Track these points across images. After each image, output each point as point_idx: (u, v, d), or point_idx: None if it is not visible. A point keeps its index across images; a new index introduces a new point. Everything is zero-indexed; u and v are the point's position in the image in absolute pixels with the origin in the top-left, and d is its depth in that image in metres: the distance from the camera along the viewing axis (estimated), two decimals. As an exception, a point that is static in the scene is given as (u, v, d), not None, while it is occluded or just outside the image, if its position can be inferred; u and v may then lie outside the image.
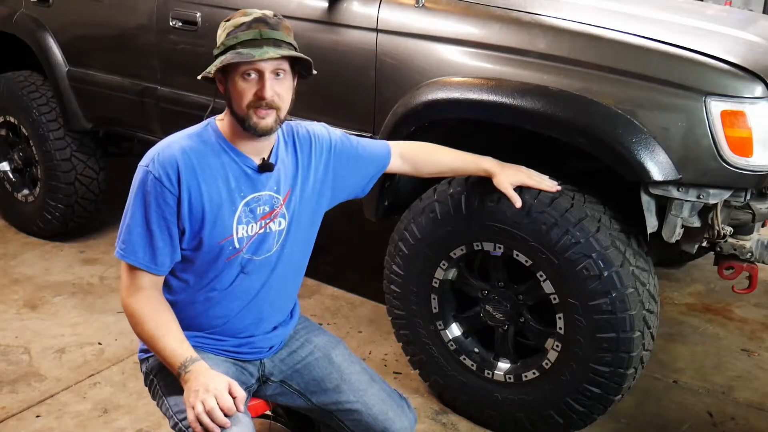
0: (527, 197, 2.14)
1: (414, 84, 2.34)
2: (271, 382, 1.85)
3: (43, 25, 3.50)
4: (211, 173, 1.67)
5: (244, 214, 1.70)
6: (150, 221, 1.64)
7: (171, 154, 1.65)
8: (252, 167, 1.71)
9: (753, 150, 1.96)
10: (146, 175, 1.64)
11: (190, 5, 2.91)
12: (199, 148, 1.68)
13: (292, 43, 1.66)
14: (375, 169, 1.99)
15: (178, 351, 1.61)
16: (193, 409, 1.53)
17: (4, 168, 3.94)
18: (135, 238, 1.65)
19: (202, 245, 1.69)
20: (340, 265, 3.73)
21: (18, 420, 2.45)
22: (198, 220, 1.66)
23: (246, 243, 1.72)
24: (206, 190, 1.66)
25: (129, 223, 1.66)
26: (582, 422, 2.29)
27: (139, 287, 1.67)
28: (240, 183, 1.70)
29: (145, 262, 1.65)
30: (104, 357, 2.83)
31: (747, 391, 2.75)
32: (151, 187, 1.63)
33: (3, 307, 3.20)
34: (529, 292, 2.29)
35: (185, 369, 1.59)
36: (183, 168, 1.64)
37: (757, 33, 2.40)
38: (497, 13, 2.30)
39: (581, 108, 2.05)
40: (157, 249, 1.65)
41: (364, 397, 1.80)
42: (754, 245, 2.24)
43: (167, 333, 1.63)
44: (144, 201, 1.64)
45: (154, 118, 3.19)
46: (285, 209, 1.77)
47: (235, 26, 1.63)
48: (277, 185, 1.75)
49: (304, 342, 1.88)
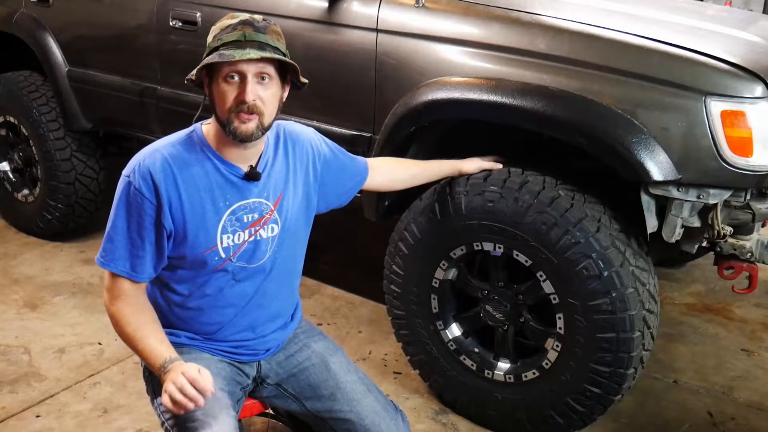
0: (527, 197, 2.14)
1: (414, 84, 2.34)
2: (266, 384, 1.84)
3: (43, 25, 3.50)
4: (193, 183, 1.64)
5: (229, 224, 1.68)
6: (130, 230, 1.63)
7: (152, 163, 1.62)
8: (238, 175, 1.68)
9: (753, 150, 1.96)
10: (127, 185, 1.63)
11: (190, 5, 2.92)
12: (182, 156, 1.65)
13: (279, 47, 1.62)
14: (356, 183, 2.00)
15: (156, 352, 1.60)
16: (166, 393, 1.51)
17: (4, 168, 3.94)
18: (115, 246, 1.64)
19: (185, 256, 1.67)
20: (340, 265, 3.73)
21: (18, 420, 2.45)
22: (180, 230, 1.64)
23: (234, 252, 1.69)
24: (187, 200, 1.63)
25: (109, 232, 1.65)
26: (582, 422, 2.29)
27: (119, 292, 1.66)
28: (225, 192, 1.67)
29: (125, 269, 1.64)
30: (104, 357, 2.83)
31: (747, 391, 2.75)
32: (132, 197, 1.62)
33: (3, 307, 3.20)
34: (529, 292, 2.29)
35: (164, 369, 1.57)
36: (163, 178, 1.61)
37: (757, 33, 2.40)
38: (497, 13, 2.30)
39: (581, 108, 2.05)
40: (137, 257, 1.64)
41: (358, 407, 1.78)
42: (754, 245, 2.24)
43: (148, 334, 1.62)
44: (125, 210, 1.63)
45: (154, 118, 3.19)
46: (276, 215, 1.74)
47: (221, 29, 1.61)
48: (266, 191, 1.72)
49: (303, 347, 1.87)
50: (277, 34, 1.63)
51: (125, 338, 1.66)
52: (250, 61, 1.57)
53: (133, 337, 1.63)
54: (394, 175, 2.16)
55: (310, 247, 1.91)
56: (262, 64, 1.59)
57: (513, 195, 2.17)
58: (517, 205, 2.16)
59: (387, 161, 2.21)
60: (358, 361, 2.85)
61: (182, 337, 1.76)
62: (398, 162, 2.24)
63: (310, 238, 1.90)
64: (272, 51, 1.59)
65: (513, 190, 2.17)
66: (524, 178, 2.19)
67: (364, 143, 2.51)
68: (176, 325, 1.76)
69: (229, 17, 1.62)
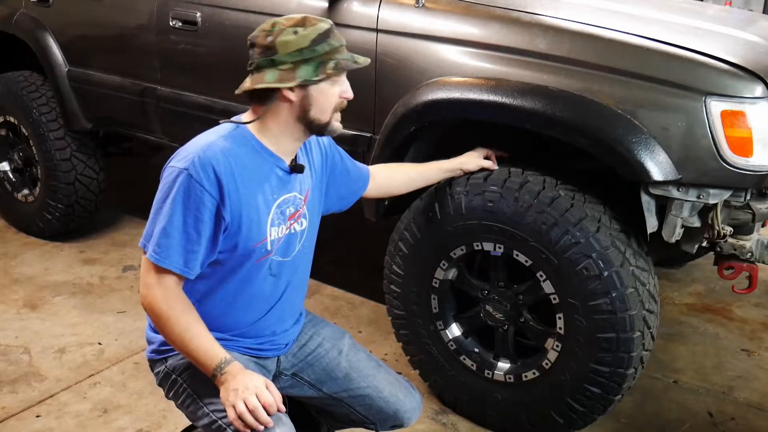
0: (527, 197, 2.15)
1: (414, 84, 2.34)
2: (283, 376, 1.88)
3: (43, 25, 3.50)
4: (248, 176, 1.65)
5: (276, 216, 1.71)
6: (187, 224, 1.59)
7: (213, 156, 1.60)
8: (284, 169, 1.72)
9: (753, 150, 1.96)
10: (186, 177, 1.58)
11: (190, 5, 2.91)
12: (236, 150, 1.64)
13: None
14: (357, 189, 2.05)
15: (211, 352, 1.60)
16: (233, 408, 1.53)
17: (4, 168, 3.94)
18: (172, 241, 1.59)
19: (237, 248, 1.67)
20: (340, 264, 3.73)
21: (18, 420, 2.45)
22: (236, 223, 1.64)
23: (276, 245, 1.73)
24: (244, 193, 1.64)
25: (165, 226, 1.59)
26: (582, 422, 2.29)
27: (165, 287, 1.62)
28: (273, 185, 1.70)
29: (179, 266, 1.60)
30: (104, 357, 2.83)
31: (747, 391, 2.75)
32: (192, 190, 1.58)
33: (3, 307, 3.20)
34: (529, 292, 2.29)
35: (221, 370, 1.57)
36: (223, 171, 1.60)
37: (757, 33, 2.40)
38: (497, 13, 2.30)
39: (581, 108, 2.05)
40: (192, 253, 1.61)
41: (374, 381, 1.85)
42: (754, 245, 2.24)
43: (198, 335, 1.61)
44: (182, 204, 1.58)
45: (154, 118, 3.19)
46: (306, 209, 1.79)
47: (318, 33, 1.62)
48: (300, 186, 1.77)
49: (312, 335, 1.91)
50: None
51: (172, 338, 1.62)
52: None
53: (184, 338, 1.60)
54: (393, 181, 2.18)
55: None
56: None
57: (513, 195, 2.17)
58: (517, 205, 2.16)
59: (385, 168, 2.22)
60: (358, 361, 2.86)
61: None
62: (396, 167, 2.26)
63: None
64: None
65: (513, 190, 2.17)
66: (524, 178, 2.19)
67: (364, 143, 2.52)
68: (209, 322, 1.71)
69: (311, 21, 1.65)
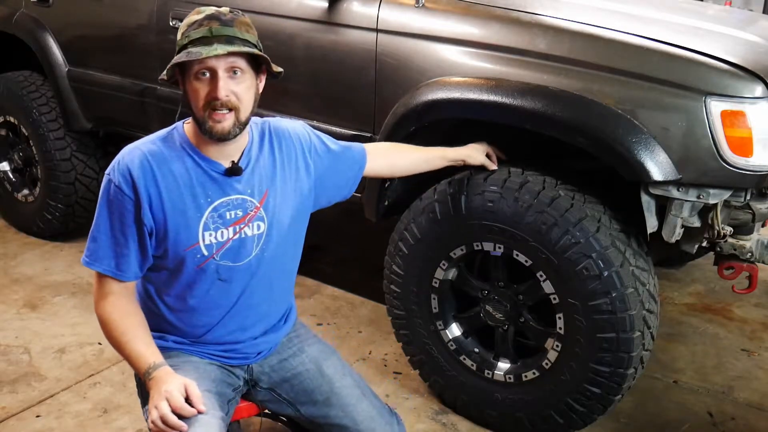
0: (527, 197, 2.14)
1: (414, 84, 2.34)
2: (260, 388, 1.83)
3: (43, 25, 3.50)
4: (173, 179, 1.63)
5: (211, 221, 1.66)
6: (113, 228, 1.62)
7: (130, 161, 1.62)
8: (219, 171, 1.66)
9: (753, 150, 1.95)
10: (107, 183, 1.63)
11: (190, 5, 2.91)
12: (162, 153, 1.64)
13: (249, 39, 1.59)
14: (355, 173, 1.96)
15: (142, 357, 1.59)
16: (151, 413, 1.52)
17: (4, 168, 3.94)
18: (99, 245, 1.63)
19: (167, 253, 1.66)
20: (340, 265, 3.73)
21: (18, 420, 2.45)
22: (161, 227, 1.63)
23: (217, 250, 1.67)
24: (167, 196, 1.62)
25: (93, 231, 1.64)
26: (582, 422, 2.29)
27: (107, 293, 1.65)
28: (206, 188, 1.65)
29: (110, 268, 1.63)
30: (104, 357, 2.83)
31: (747, 391, 2.75)
32: (113, 195, 1.61)
33: (3, 307, 3.20)
34: (529, 292, 2.29)
35: (149, 375, 1.57)
36: (141, 175, 1.61)
37: (757, 33, 2.40)
38: (497, 13, 2.30)
39: (581, 108, 2.05)
40: (121, 256, 1.63)
41: (353, 413, 1.78)
42: (754, 245, 2.24)
43: (134, 338, 1.61)
44: (107, 209, 1.63)
45: (154, 118, 3.19)
46: (263, 212, 1.71)
47: (188, 25, 1.58)
48: (250, 188, 1.70)
49: (297, 351, 1.85)
50: (246, 25, 1.60)
51: (113, 342, 1.65)
52: (219, 57, 1.54)
53: (120, 341, 1.62)
54: (396, 161, 2.12)
55: (311, 247, 1.89)
56: (233, 58, 1.56)
57: (513, 195, 2.17)
58: (517, 205, 2.16)
59: (388, 146, 2.18)
60: (358, 361, 2.85)
61: (170, 341, 1.75)
62: (400, 147, 2.20)
63: (311, 239, 1.89)
64: (241, 44, 1.56)
65: (513, 190, 2.17)
66: (524, 178, 2.19)
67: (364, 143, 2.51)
68: (164, 328, 1.74)
69: (196, 12, 1.59)
